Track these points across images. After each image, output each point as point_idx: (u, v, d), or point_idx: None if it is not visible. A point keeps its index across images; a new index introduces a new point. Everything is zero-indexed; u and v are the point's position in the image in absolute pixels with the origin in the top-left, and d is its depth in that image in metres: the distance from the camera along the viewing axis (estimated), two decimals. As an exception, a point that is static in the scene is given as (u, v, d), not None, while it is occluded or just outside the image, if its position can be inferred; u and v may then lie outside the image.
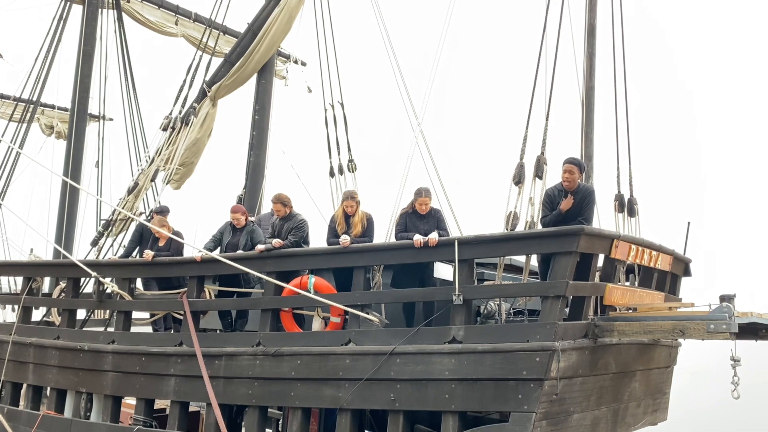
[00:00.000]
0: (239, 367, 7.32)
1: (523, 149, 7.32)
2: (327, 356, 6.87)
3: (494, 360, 6.06)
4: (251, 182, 11.49)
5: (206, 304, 8.20)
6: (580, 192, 7.00)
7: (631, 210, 8.58)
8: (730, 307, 5.76)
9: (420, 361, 6.37)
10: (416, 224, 7.11)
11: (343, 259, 7.18)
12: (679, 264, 8.04)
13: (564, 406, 6.17)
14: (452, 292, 6.37)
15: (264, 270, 7.52)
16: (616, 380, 6.88)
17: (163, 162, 10.16)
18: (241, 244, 8.08)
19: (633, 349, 7.00)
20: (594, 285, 6.56)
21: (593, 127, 8.65)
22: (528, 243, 6.57)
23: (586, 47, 8.69)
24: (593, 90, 8.81)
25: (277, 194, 8.05)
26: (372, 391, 6.58)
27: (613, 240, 6.48)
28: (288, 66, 14.13)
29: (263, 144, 11.67)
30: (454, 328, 6.37)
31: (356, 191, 8.01)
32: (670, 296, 7.88)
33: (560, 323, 6.02)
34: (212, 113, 10.56)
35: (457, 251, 6.36)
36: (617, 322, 6.33)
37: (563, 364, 5.90)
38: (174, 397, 7.84)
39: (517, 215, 7.09)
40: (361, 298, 6.97)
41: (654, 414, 7.98)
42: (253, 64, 10.69)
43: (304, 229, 7.82)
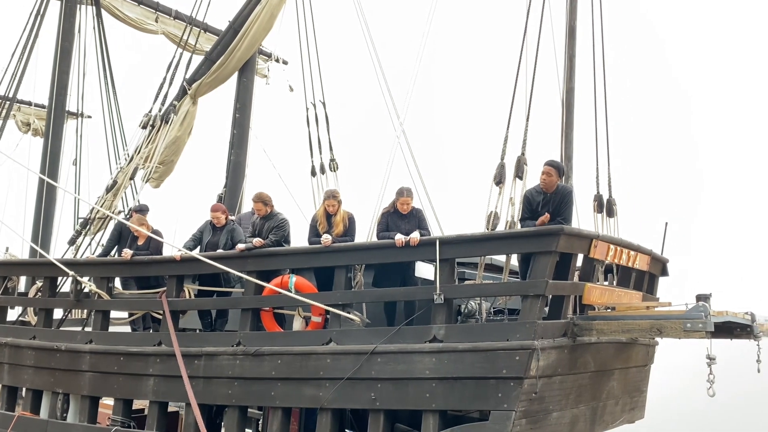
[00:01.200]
0: (219, 367, 7.28)
1: (504, 150, 7.36)
2: (308, 356, 6.85)
3: (474, 359, 6.09)
4: (232, 181, 11.42)
5: (186, 304, 8.14)
6: (558, 193, 7.07)
7: (610, 210, 8.66)
8: (706, 307, 5.85)
9: (401, 361, 6.38)
10: (398, 224, 7.12)
11: (325, 258, 7.17)
12: (656, 264, 8.14)
13: (543, 404, 6.21)
14: (433, 292, 6.39)
15: (244, 269, 7.48)
16: (595, 379, 6.95)
17: (142, 160, 10.06)
18: (221, 244, 8.03)
19: (611, 348, 7.08)
20: (573, 284, 6.61)
21: (573, 128, 8.72)
22: (508, 243, 6.61)
23: (567, 49, 8.76)
24: (573, 91, 8.89)
25: (257, 193, 8.00)
26: (353, 390, 6.57)
27: (592, 240, 6.54)
28: (269, 64, 14.05)
29: (244, 143, 11.60)
30: (435, 328, 6.39)
31: (338, 190, 7.98)
32: (648, 296, 7.98)
33: (540, 322, 6.06)
34: (192, 111, 10.48)
35: (438, 251, 6.38)
36: (596, 321, 6.39)
37: (542, 362, 5.95)
38: (153, 398, 7.76)
39: (497, 215, 7.12)
40: (342, 298, 6.96)
41: (631, 412, 8.07)
42: (234, 62, 10.63)
43: (285, 229, 7.79)
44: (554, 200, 7.01)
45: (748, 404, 21.61)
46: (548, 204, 7.02)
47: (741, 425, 18.41)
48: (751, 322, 6.12)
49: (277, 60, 13.97)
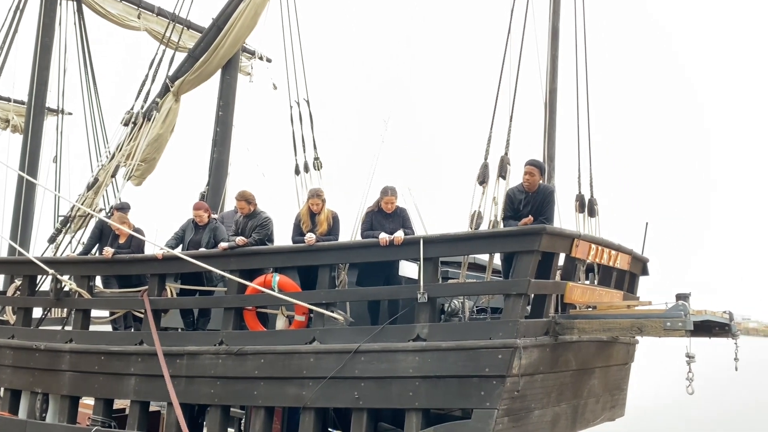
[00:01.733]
0: (201, 366, 7.24)
1: (488, 150, 7.40)
2: (291, 355, 6.84)
3: (457, 357, 6.12)
4: (214, 179, 11.34)
5: (168, 303, 8.08)
6: (540, 192, 7.14)
7: (591, 210, 8.74)
8: (685, 306, 5.93)
9: (384, 359, 6.39)
10: (382, 223, 7.13)
11: (308, 257, 7.16)
12: (637, 263, 8.24)
13: (525, 402, 6.26)
14: (417, 291, 6.41)
15: (227, 268, 7.44)
16: (576, 377, 7.01)
17: (124, 158, 9.96)
18: (203, 242, 7.98)
19: (592, 347, 7.15)
20: (555, 283, 6.67)
21: (555, 129, 8.78)
22: (491, 242, 6.65)
23: (550, 50, 8.81)
24: (556, 92, 8.94)
25: (241, 191, 7.97)
26: (336, 389, 6.57)
27: (573, 239, 6.60)
28: (253, 62, 13.96)
29: (227, 140, 11.53)
30: (419, 326, 6.41)
31: (322, 189, 7.96)
32: (629, 295, 8.06)
33: (522, 321, 6.10)
34: (175, 109, 10.40)
35: (422, 250, 6.40)
36: (577, 320, 6.45)
37: (525, 361, 5.99)
38: (134, 397, 7.71)
39: (481, 214, 7.16)
40: (326, 297, 6.96)
41: (612, 410, 8.16)
42: (218, 60, 10.56)
43: (269, 227, 7.76)
44: (536, 199, 7.07)
45: (727, 401, 21.95)
46: (530, 203, 7.08)
47: (720, 422, 18.69)
48: (729, 321, 6.22)
49: (261, 58, 13.89)
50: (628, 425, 9.94)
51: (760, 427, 18.53)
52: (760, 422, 19.37)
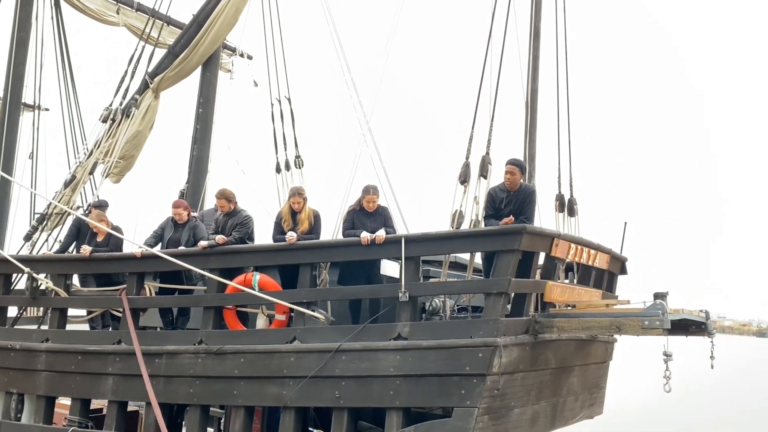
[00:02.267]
0: (180, 366, 7.20)
1: (469, 149, 7.42)
2: (271, 354, 6.81)
3: (438, 356, 6.13)
4: (194, 177, 11.25)
5: (146, 302, 8.00)
6: (521, 191, 7.20)
7: (571, 210, 8.81)
8: (663, 305, 6.00)
9: (365, 358, 6.39)
10: (363, 222, 7.12)
11: (289, 256, 7.13)
12: (615, 262, 8.32)
13: (505, 401, 6.30)
14: (398, 290, 6.41)
15: (207, 267, 7.39)
16: (556, 375, 7.07)
17: (102, 155, 9.83)
18: (183, 240, 7.93)
19: (571, 345, 7.21)
20: (535, 282, 6.72)
21: (536, 129, 8.84)
22: (472, 241, 6.68)
23: (531, 50, 8.86)
24: (537, 92, 9.00)
25: (221, 189, 7.92)
26: (317, 388, 6.56)
27: (553, 239, 6.65)
28: (234, 59, 13.84)
29: (207, 138, 11.43)
30: (400, 325, 6.42)
31: (303, 188, 7.94)
32: (607, 294, 8.15)
33: (502, 320, 6.14)
34: (154, 105, 10.28)
35: (403, 249, 6.40)
36: (557, 319, 6.50)
37: (505, 359, 6.02)
38: (112, 397, 7.63)
39: (462, 214, 7.17)
40: (307, 296, 6.94)
41: (591, 408, 8.24)
42: (198, 57, 10.46)
43: (249, 226, 7.73)
44: (517, 199, 7.13)
45: (703, 399, 22.31)
46: (511, 202, 7.13)
47: (696, 419, 18.98)
48: (705, 319, 6.30)
49: (242, 55, 13.78)
50: (607, 423, 10.05)
51: (737, 422, 18.86)
52: (735, 417, 19.73)
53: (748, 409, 21.61)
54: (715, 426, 18.24)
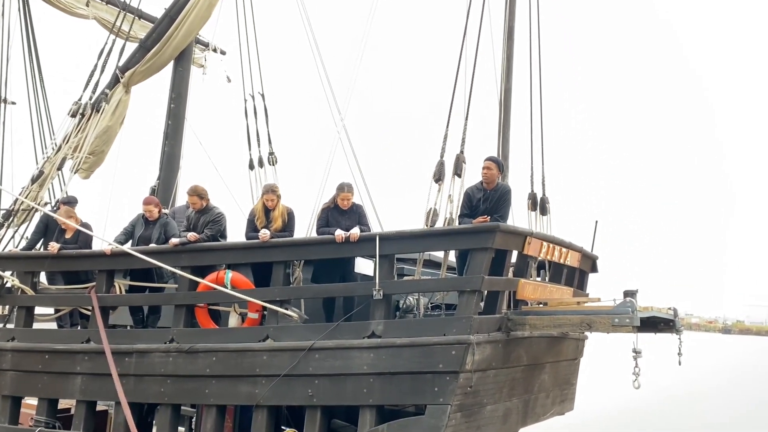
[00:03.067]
0: (151, 365, 7.12)
1: (443, 147, 7.45)
2: (244, 353, 6.77)
3: (412, 354, 6.15)
4: (165, 173, 11.11)
5: (116, 300, 7.90)
6: (497, 190, 7.28)
7: (543, 208, 8.91)
8: (633, 302, 6.10)
9: (339, 356, 6.38)
10: (338, 219, 7.11)
11: (262, 253, 7.09)
12: (586, 261, 8.44)
13: (478, 398, 6.34)
14: (372, 288, 6.42)
15: (178, 264, 7.32)
16: (527, 372, 7.14)
17: (71, 150, 9.64)
18: (154, 238, 7.83)
19: (543, 342, 7.29)
20: (508, 280, 6.78)
21: (510, 128, 8.91)
22: (447, 239, 6.71)
23: (505, 50, 8.94)
24: (510, 92, 9.08)
25: (193, 186, 7.83)
26: (290, 387, 6.53)
27: (526, 237, 6.72)
28: (207, 54, 13.68)
29: (179, 134, 11.29)
30: (374, 323, 6.42)
31: (277, 185, 7.89)
32: (579, 291, 8.26)
33: (476, 317, 6.18)
34: (125, 100, 10.11)
35: (378, 247, 6.40)
36: (529, 316, 6.57)
37: (478, 357, 6.07)
38: (80, 397, 7.52)
39: (436, 212, 7.21)
40: (280, 294, 6.90)
41: (562, 404, 8.35)
42: (170, 51, 10.32)
43: (222, 223, 7.66)
44: (493, 197, 7.22)
45: (672, 395, 22.74)
46: (487, 200, 7.21)
47: (665, 415, 19.34)
48: (673, 317, 6.42)
49: (215, 50, 13.64)
50: (577, 419, 10.19)
51: (704, 417, 19.27)
52: (703, 412, 20.16)
53: (717, 405, 22.13)
54: (686, 421, 18.61)
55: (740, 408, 21.51)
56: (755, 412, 20.59)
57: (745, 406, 22.09)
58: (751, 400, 23.91)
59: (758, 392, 26.20)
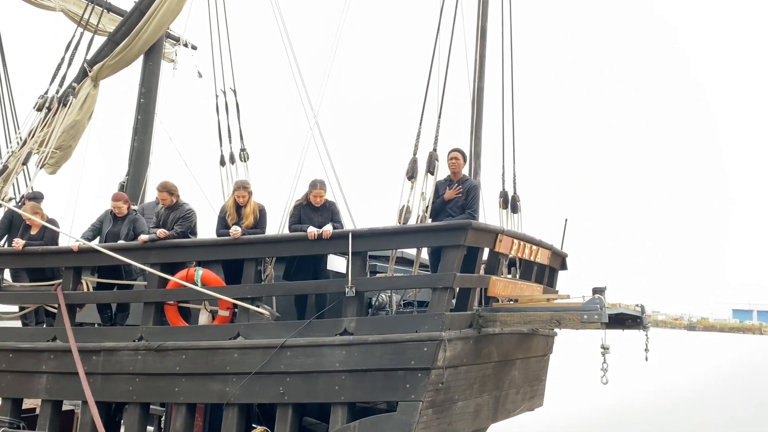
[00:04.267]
0: (119, 363, 7.03)
1: (416, 145, 7.48)
2: (214, 350, 6.72)
3: (384, 351, 6.16)
4: (134, 169, 10.95)
5: (83, 297, 7.77)
6: (465, 184, 7.44)
7: (515, 207, 8.99)
8: (601, 299, 6.19)
9: (311, 354, 6.36)
10: (310, 216, 7.09)
11: (233, 250, 7.03)
12: (556, 258, 8.54)
13: (449, 394, 6.38)
14: (345, 285, 6.41)
15: (147, 261, 7.23)
16: (498, 368, 7.21)
17: (37, 144, 9.44)
18: (122, 234, 7.72)
19: (514, 339, 7.36)
20: (479, 277, 6.83)
21: (482, 126, 8.97)
22: (419, 236, 6.73)
23: (478, 49, 8.99)
24: (483, 91, 9.13)
25: (162, 182, 7.74)
26: (261, 384, 6.50)
27: (497, 234, 6.78)
28: (177, 49, 13.50)
29: (148, 129, 11.15)
30: (346, 320, 6.42)
31: (248, 181, 7.84)
32: (548, 288, 8.35)
33: (447, 314, 6.21)
34: (93, 94, 9.93)
35: (350, 244, 6.40)
36: (500, 313, 6.62)
37: (449, 353, 6.10)
38: (45, 396, 7.38)
39: (409, 209, 7.24)
40: (251, 291, 6.85)
41: (531, 400, 8.44)
42: (140, 45, 10.16)
43: (192, 219, 7.59)
44: (462, 189, 7.37)
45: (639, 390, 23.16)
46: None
47: (634, 410, 19.68)
48: (641, 313, 6.53)
49: (186, 45, 13.46)
50: (547, 415, 10.31)
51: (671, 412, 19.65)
52: (669, 407, 20.56)
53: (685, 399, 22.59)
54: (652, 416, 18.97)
55: (729, 407, 21.84)
56: (744, 411, 20.91)
57: (732, 404, 22.46)
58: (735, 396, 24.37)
59: (738, 390, 26.75)
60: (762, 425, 18.06)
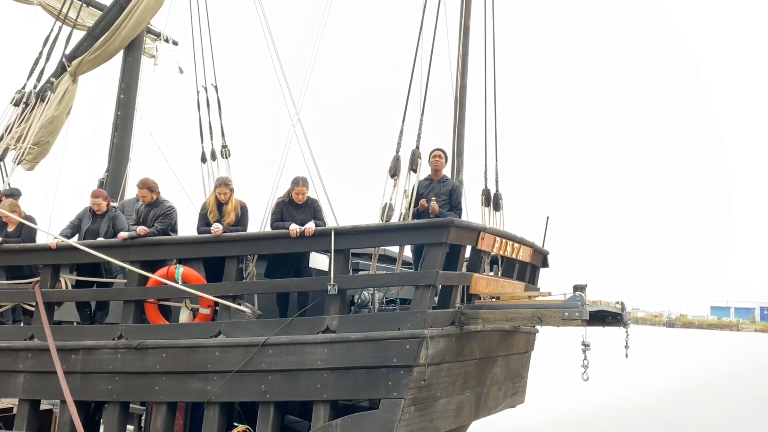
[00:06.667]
0: (98, 362, 6.97)
1: (399, 142, 7.49)
2: (195, 349, 6.68)
3: (366, 348, 6.17)
4: (114, 165, 10.86)
5: (62, 295, 7.68)
6: (447, 183, 7.53)
7: (497, 204, 9.04)
8: (582, 296, 6.25)
9: (293, 352, 6.35)
10: (293, 214, 7.08)
11: (215, 248, 7.00)
12: (538, 256, 8.61)
13: (431, 391, 6.41)
14: (327, 282, 6.41)
15: (127, 259, 7.18)
16: (480, 366, 7.26)
17: (14, 140, 9.31)
18: (102, 231, 7.66)
19: (495, 336, 7.42)
20: (462, 275, 6.86)
21: (465, 124, 9.00)
22: (402, 234, 6.74)
23: (461, 47, 9.01)
24: (466, 88, 9.15)
25: (143, 179, 7.68)
26: (242, 383, 6.48)
27: (479, 232, 6.81)
28: (158, 44, 13.39)
29: (128, 125, 11.05)
30: (328, 318, 6.42)
31: (230, 178, 7.80)
32: (530, 286, 8.42)
33: (430, 312, 6.24)
34: (72, 90, 9.83)
35: (333, 241, 6.40)
36: (482, 311, 6.67)
37: (431, 350, 6.13)
38: (23, 395, 7.29)
39: (392, 207, 7.25)
40: (232, 289, 6.83)
41: (513, 397, 8.51)
42: (120, 40, 10.07)
43: (173, 217, 7.54)
44: (442, 189, 7.44)
45: (619, 386, 23.42)
46: (432, 190, 7.42)
47: (614, 406, 19.90)
48: (621, 311, 6.61)
49: (167, 40, 13.35)
50: (528, 411, 10.40)
51: (652, 409, 19.90)
52: (650, 404, 20.82)
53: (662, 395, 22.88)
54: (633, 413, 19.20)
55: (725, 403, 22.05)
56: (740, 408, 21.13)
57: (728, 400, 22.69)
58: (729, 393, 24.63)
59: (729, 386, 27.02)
60: (744, 421, 18.36)
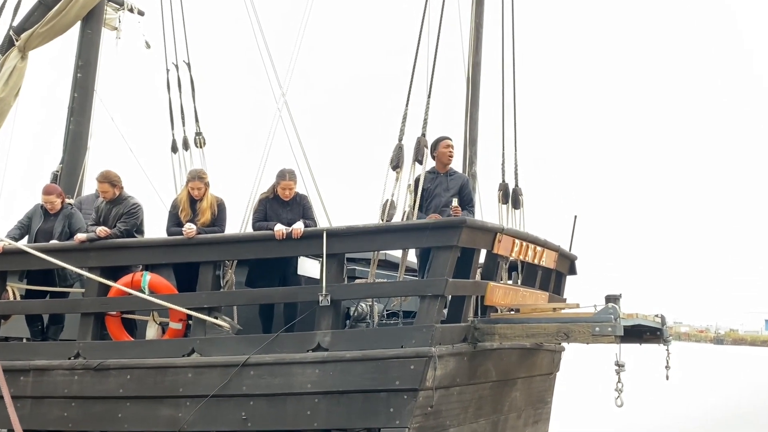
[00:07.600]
0: (52, 385, 7.02)
1: (402, 129, 7.50)
2: (164, 369, 6.72)
3: (364, 369, 6.19)
4: (70, 156, 10.85)
5: (9, 307, 7.75)
6: (456, 177, 7.49)
7: (516, 201, 9.06)
8: (615, 309, 6.24)
9: (278, 373, 6.38)
10: (278, 212, 7.10)
11: (187, 252, 7.03)
12: (564, 261, 8.61)
13: (440, 419, 6.43)
14: (318, 292, 6.43)
15: (85, 265, 7.24)
16: (496, 389, 7.27)
17: (-48, 126, 9.34)
18: (56, 232, 7.71)
19: (514, 355, 7.43)
20: (475, 283, 6.88)
21: (479, 108, 9.02)
22: (405, 236, 6.75)
23: (473, 18, 9.02)
24: (479, 66, 9.18)
25: (103, 172, 7.73)
26: (219, 409, 6.51)
27: (496, 234, 6.82)
28: (121, 15, 13.40)
29: (87, 109, 11.04)
30: (320, 334, 6.44)
31: (205, 171, 7.83)
32: (555, 296, 8.43)
33: (438, 326, 6.25)
34: (21, 68, 9.84)
35: (325, 244, 6.41)
36: (499, 325, 6.68)
37: (440, 372, 6.14)
38: (-36, 424, 7.30)
39: (394, 204, 7.26)
40: (208, 300, 6.86)
41: (535, 425, 8.52)
42: (76, 10, 10.08)
43: (138, 216, 7.58)
44: (449, 183, 7.38)
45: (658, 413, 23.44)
46: (440, 185, 7.38)
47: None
48: (661, 325, 6.62)
49: (131, 10, 13.36)
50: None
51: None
52: None
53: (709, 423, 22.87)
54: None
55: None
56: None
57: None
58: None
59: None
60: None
